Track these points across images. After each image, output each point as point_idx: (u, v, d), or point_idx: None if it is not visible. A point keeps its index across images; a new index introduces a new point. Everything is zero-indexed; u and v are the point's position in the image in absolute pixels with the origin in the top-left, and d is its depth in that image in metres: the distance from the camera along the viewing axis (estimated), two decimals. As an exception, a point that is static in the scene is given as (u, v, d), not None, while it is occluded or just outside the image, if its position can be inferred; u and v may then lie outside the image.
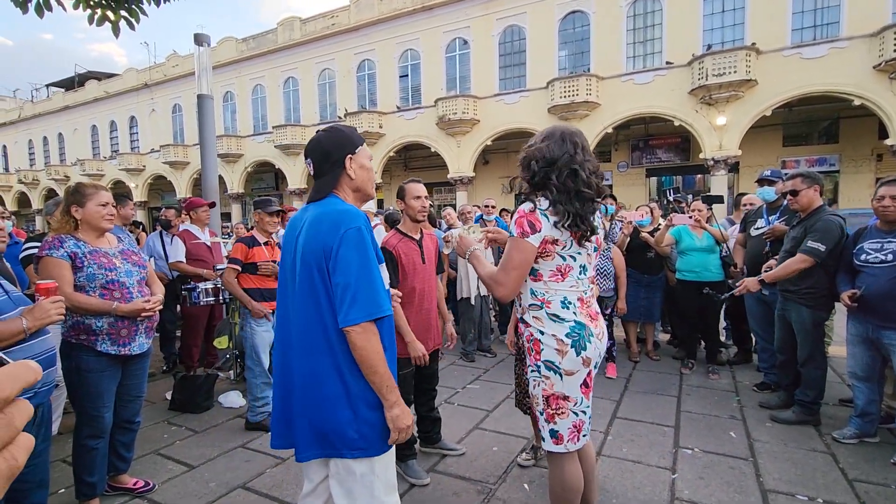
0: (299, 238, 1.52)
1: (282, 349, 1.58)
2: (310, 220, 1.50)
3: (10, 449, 0.28)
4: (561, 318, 1.76)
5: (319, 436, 1.47)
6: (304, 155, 1.60)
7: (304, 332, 1.48)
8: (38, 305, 1.75)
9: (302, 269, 1.48)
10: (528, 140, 1.99)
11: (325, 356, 1.45)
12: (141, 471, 2.86)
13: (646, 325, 5.18)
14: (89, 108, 28.97)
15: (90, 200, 2.30)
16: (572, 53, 16.24)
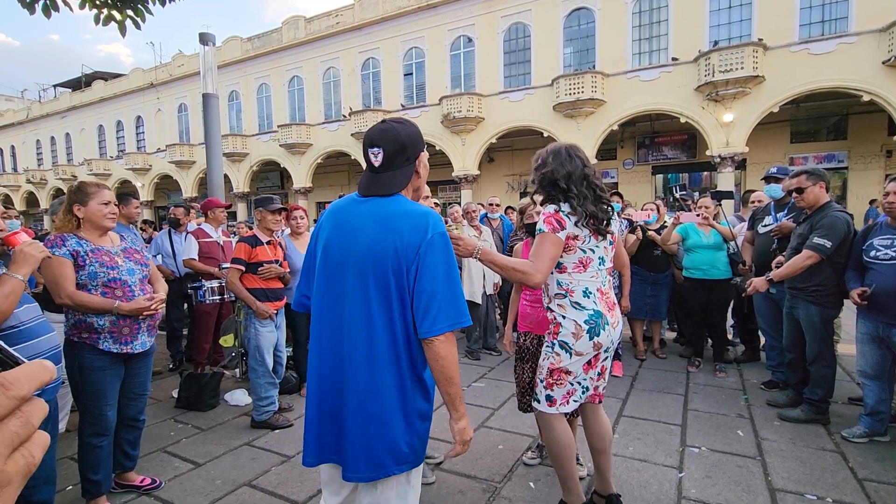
0: (361, 235, 1.38)
1: (326, 357, 1.43)
2: (380, 217, 1.38)
3: (28, 446, 0.29)
4: (582, 305, 2.03)
5: (372, 453, 1.37)
6: (371, 142, 1.42)
7: (368, 341, 1.36)
8: (17, 252, 1.77)
9: (369, 271, 1.36)
10: (531, 138, 2.12)
11: (389, 367, 1.36)
12: (147, 468, 2.88)
13: (652, 324, 5.15)
14: (96, 108, 29.15)
15: (92, 199, 2.30)
16: (577, 50, 16.14)
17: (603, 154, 16.41)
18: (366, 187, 1.45)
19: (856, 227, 3.30)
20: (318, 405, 1.44)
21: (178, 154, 24.40)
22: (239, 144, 22.83)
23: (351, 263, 1.39)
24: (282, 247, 3.78)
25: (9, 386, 0.28)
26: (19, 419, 0.29)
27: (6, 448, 0.28)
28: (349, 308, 1.38)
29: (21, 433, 0.29)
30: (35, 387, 0.30)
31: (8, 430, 0.28)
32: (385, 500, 1.42)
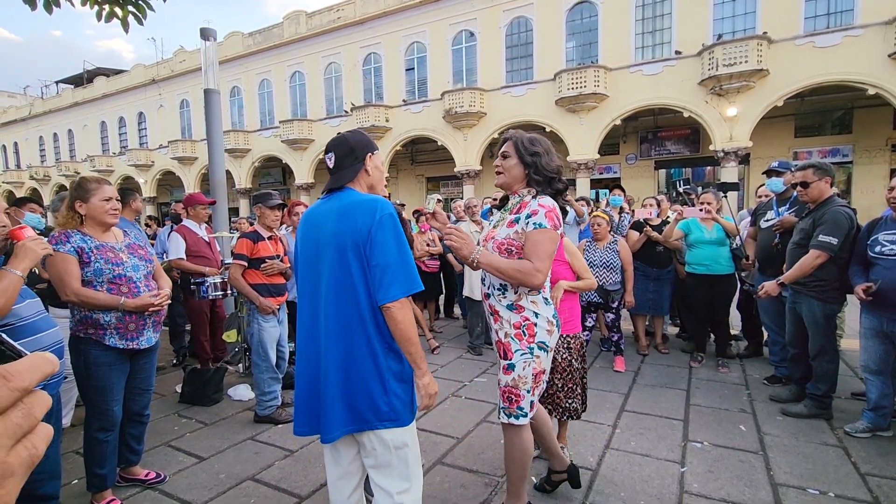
0: (326, 226, 1.61)
1: (308, 336, 1.65)
2: (339, 209, 1.60)
3: (31, 438, 0.29)
4: (548, 300, 2.02)
5: (352, 412, 1.56)
6: (326, 149, 1.70)
7: (338, 315, 1.57)
8: (19, 246, 1.77)
9: (334, 255, 1.57)
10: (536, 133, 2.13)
11: (358, 335, 1.56)
12: (152, 462, 2.90)
13: (654, 319, 5.14)
14: (98, 104, 29.19)
15: (93, 195, 2.30)
16: (580, 45, 16.06)
17: (606, 149, 16.35)
18: (326, 187, 1.71)
19: (859, 222, 3.29)
20: (302, 379, 1.65)
21: (181, 150, 24.45)
22: (241, 140, 22.84)
23: (321, 252, 1.62)
24: (283, 242, 3.78)
25: (10, 378, 0.28)
26: (21, 411, 0.29)
27: (9, 440, 0.28)
28: (323, 290, 1.60)
29: (23, 425, 0.29)
30: (37, 379, 0.30)
31: (10, 421, 0.28)
32: (386, 462, 1.60)
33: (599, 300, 4.49)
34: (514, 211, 2.02)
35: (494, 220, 2.15)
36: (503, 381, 2.03)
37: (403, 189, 21.41)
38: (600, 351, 5.03)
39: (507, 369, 2.01)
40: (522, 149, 2.02)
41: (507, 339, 1.99)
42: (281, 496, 2.57)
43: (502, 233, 2.00)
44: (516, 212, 2.00)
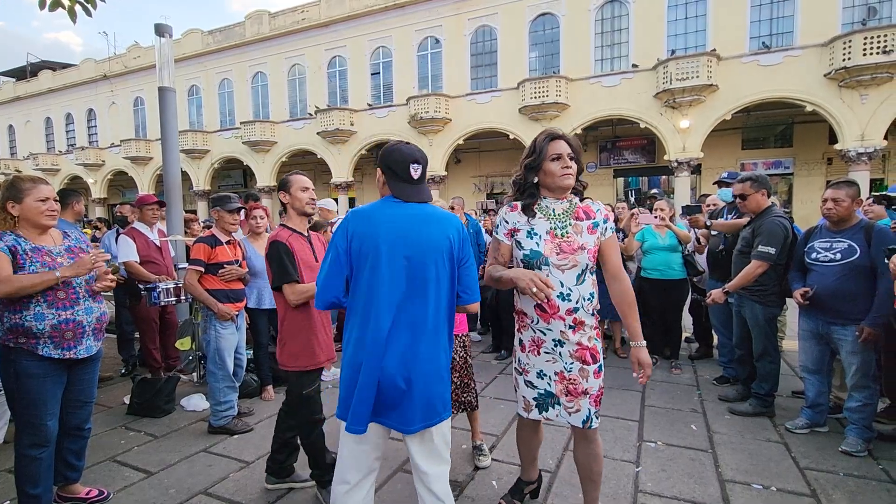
0: (414, 232, 1.70)
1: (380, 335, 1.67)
2: (426, 218, 1.74)
3: None
4: None
5: (430, 406, 1.70)
6: (415, 160, 1.76)
7: (431, 316, 1.71)
8: None
9: (431, 260, 1.70)
10: (498, 140, 2.19)
11: (442, 333, 1.75)
12: (95, 479, 2.73)
13: (613, 324, 5.29)
14: (43, 99, 27.59)
15: (28, 195, 2.16)
16: (543, 55, 16.46)
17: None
18: (408, 195, 1.76)
19: (799, 229, 3.50)
20: (379, 375, 1.66)
21: (134, 150, 23.42)
22: (199, 141, 22.10)
23: (413, 255, 1.69)
24: (241, 247, 3.67)
25: None
26: None
27: None
28: (412, 291, 1.69)
29: None
30: None
31: None
32: (441, 447, 1.77)
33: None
34: (579, 216, 1.98)
35: (547, 227, 1.94)
36: (596, 386, 2.00)
37: (369, 193, 21.24)
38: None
39: (599, 371, 2.01)
40: (580, 151, 2.02)
41: (592, 343, 2.00)
42: (238, 509, 2.48)
43: (589, 241, 1.95)
44: (584, 217, 1.98)
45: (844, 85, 12.67)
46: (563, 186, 1.95)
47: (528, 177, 2.01)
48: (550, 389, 2.03)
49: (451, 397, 2.29)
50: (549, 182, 1.96)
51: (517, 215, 2.02)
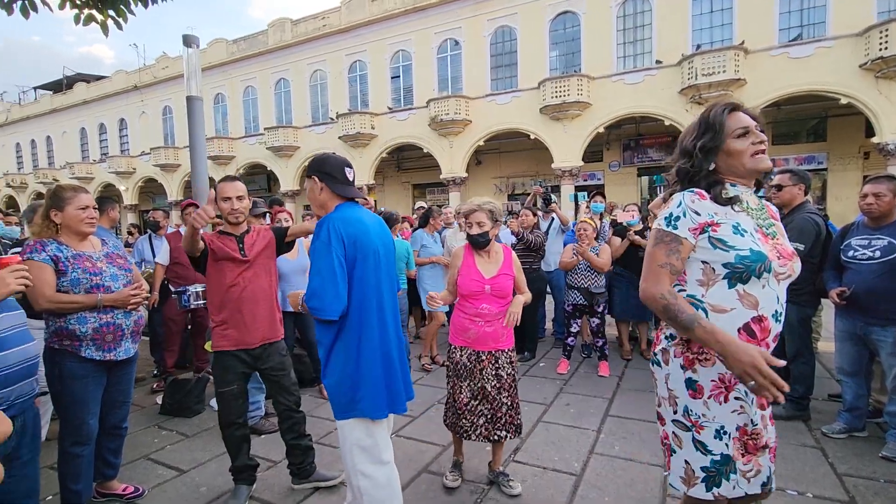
0: (375, 234, 1.97)
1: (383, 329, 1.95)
2: (377, 221, 2.05)
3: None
4: None
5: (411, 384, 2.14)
6: (348, 164, 2.01)
7: (396, 305, 2.08)
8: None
9: (391, 259, 2.06)
10: (518, 141, 2.14)
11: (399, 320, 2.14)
12: (130, 476, 2.83)
13: (638, 325, 5.20)
14: (78, 110, 28.67)
15: (69, 204, 2.25)
16: (563, 54, 16.31)
17: (589, 156, 16.57)
18: (353, 194, 1.99)
19: (834, 226, 3.38)
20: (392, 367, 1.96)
21: (163, 157, 24.10)
22: (225, 147, 22.61)
23: (380, 256, 1.97)
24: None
25: None
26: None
27: None
28: (387, 289, 2.00)
29: None
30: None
31: None
32: None
33: (585, 303, 4.54)
34: (772, 214, 1.56)
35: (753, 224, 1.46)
36: (773, 433, 1.54)
37: (390, 196, 21.39)
38: (583, 357, 5.07)
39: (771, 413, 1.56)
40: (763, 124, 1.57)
41: None
42: (263, 508, 2.54)
43: (789, 244, 1.53)
44: (775, 216, 1.57)
45: (882, 76, 12.16)
46: (758, 169, 1.48)
47: (704, 163, 1.48)
48: (728, 452, 1.43)
49: (506, 419, 2.50)
50: (734, 166, 1.47)
51: (711, 205, 1.44)
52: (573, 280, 4.65)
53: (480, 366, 2.56)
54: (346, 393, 1.90)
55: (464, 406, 2.58)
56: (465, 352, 2.59)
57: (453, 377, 2.64)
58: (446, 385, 2.71)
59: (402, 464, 2.92)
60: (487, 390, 2.54)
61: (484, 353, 2.56)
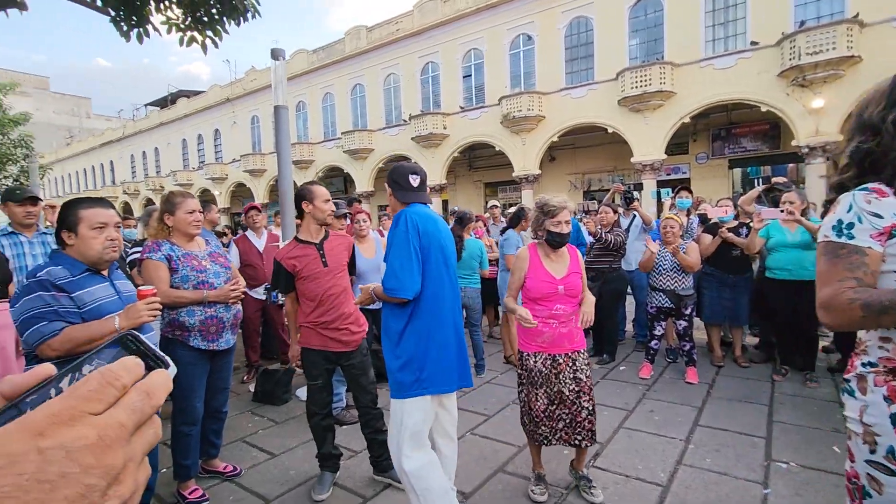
0: (443, 231, 2.21)
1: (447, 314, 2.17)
2: (440, 219, 2.26)
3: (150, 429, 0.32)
4: None
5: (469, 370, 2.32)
6: (413, 171, 2.24)
7: (458, 296, 2.28)
8: (132, 307, 1.91)
9: (453, 249, 2.27)
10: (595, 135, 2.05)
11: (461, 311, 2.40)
12: (229, 456, 3.08)
13: (732, 329, 4.80)
14: (180, 123, 31.76)
15: (179, 209, 2.50)
16: (644, 41, 15.44)
17: (673, 148, 15.57)
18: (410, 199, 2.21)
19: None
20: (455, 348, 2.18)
21: (251, 163, 26.00)
22: (305, 152, 23.94)
23: (440, 247, 2.18)
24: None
25: (152, 395, 0.31)
26: (153, 427, 0.32)
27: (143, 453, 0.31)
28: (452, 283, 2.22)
29: (153, 441, 0.32)
30: (165, 397, 0.33)
31: (147, 436, 0.31)
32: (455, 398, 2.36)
33: (671, 305, 4.27)
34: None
35: None
36: None
37: (462, 195, 21.53)
38: (668, 362, 4.78)
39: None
40: None
41: None
42: (347, 495, 2.65)
43: None
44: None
45: None
46: None
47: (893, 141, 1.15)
48: None
49: (585, 425, 2.47)
50: None
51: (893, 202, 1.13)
52: (658, 281, 4.36)
53: (557, 370, 2.48)
54: (414, 372, 2.10)
55: (541, 413, 2.50)
56: (539, 357, 2.50)
57: (527, 385, 2.54)
58: (518, 394, 2.64)
59: (477, 463, 2.93)
60: (565, 394, 2.46)
61: (561, 356, 2.48)
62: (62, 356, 1.78)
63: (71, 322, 1.81)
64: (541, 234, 2.54)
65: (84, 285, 1.88)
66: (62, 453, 0.26)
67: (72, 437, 0.27)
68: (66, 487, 0.26)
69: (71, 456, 0.26)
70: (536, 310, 2.48)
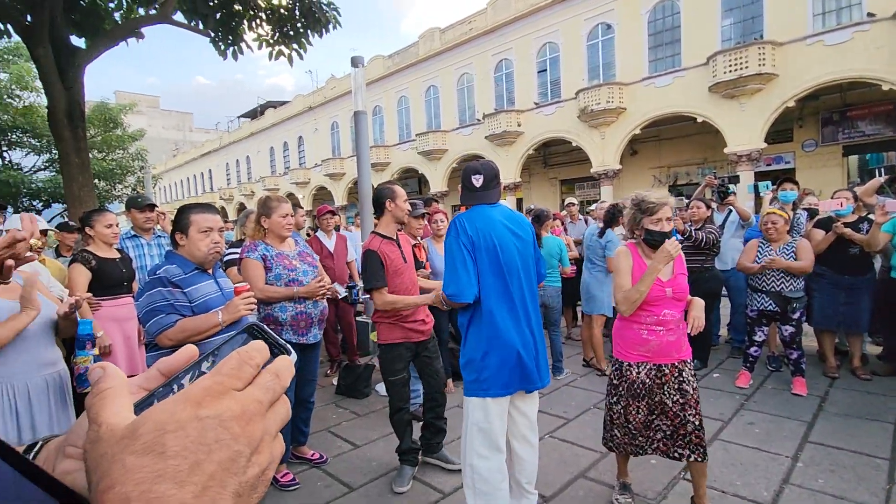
0: (511, 228, 2.18)
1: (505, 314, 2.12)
2: (509, 218, 2.22)
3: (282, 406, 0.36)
4: None
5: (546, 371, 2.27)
6: (475, 171, 2.22)
7: (532, 296, 2.22)
8: (231, 303, 2.09)
9: (528, 253, 2.21)
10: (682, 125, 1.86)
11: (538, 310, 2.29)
12: (316, 445, 3.26)
13: (850, 337, 4.26)
14: (268, 132, 34.20)
15: (275, 212, 2.72)
16: (739, 21, 14.15)
17: (774, 136, 14.14)
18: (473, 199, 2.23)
19: None
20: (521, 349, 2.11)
21: (331, 167, 27.37)
22: (381, 155, 24.75)
23: (513, 247, 2.15)
24: (425, 250, 3.99)
25: (281, 377, 0.35)
26: (284, 406, 0.36)
27: (277, 428, 0.35)
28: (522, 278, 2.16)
29: (285, 418, 0.36)
30: (290, 378, 0.37)
31: (279, 412, 0.35)
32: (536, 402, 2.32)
33: (775, 309, 3.85)
34: None
35: None
36: None
37: (536, 193, 21.13)
38: (770, 370, 4.35)
39: None
40: None
41: None
42: (425, 489, 2.70)
43: None
44: None
45: None
46: None
47: None
48: None
49: (692, 439, 2.25)
50: None
51: None
52: (759, 282, 3.95)
53: (662, 381, 2.29)
54: (472, 373, 2.15)
55: (640, 425, 2.32)
56: (642, 368, 2.31)
57: (626, 397, 2.34)
58: (610, 405, 2.42)
59: (557, 466, 2.86)
60: (668, 405, 2.27)
61: (667, 367, 2.29)
62: (175, 346, 1.98)
63: (184, 315, 2.02)
64: (638, 233, 2.37)
65: (194, 282, 2.08)
66: (216, 422, 0.30)
67: (222, 408, 0.31)
68: (219, 451, 0.30)
69: (223, 424, 0.31)
70: (641, 316, 2.30)
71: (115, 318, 3.01)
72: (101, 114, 16.24)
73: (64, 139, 5.71)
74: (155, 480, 0.28)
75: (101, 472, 0.29)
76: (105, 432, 0.31)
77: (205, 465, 0.29)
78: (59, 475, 0.36)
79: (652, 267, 2.21)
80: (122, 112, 17.21)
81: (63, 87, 5.64)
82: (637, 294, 2.24)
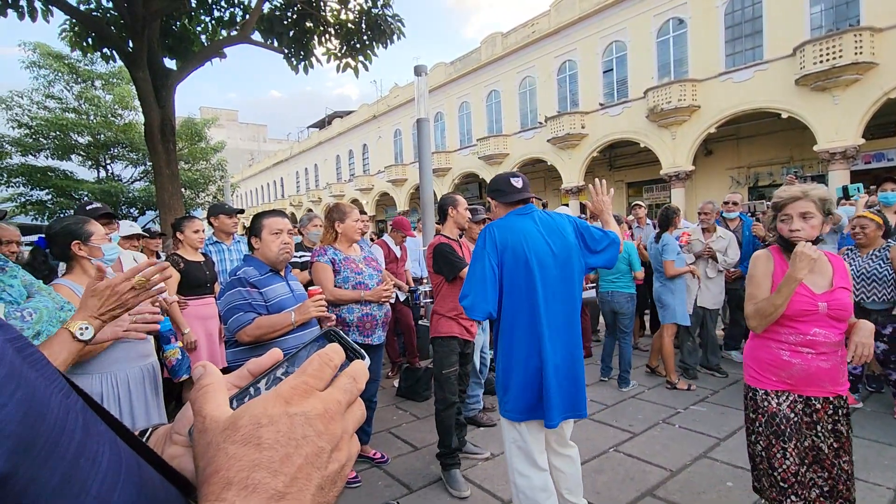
0: (549, 241, 2.02)
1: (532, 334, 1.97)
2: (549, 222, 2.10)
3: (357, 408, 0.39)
4: None
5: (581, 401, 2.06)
6: (514, 175, 2.17)
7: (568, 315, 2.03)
8: (303, 304, 2.21)
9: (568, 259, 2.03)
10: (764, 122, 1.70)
11: (577, 330, 2.07)
12: (377, 444, 3.34)
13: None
14: (334, 141, 35.71)
15: (348, 217, 2.87)
16: (831, 7, 12.91)
17: (874, 131, 12.76)
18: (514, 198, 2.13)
19: None
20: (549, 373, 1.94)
21: (394, 174, 28.05)
22: (443, 161, 25.01)
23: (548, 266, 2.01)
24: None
25: (357, 379, 0.38)
26: (360, 408, 0.39)
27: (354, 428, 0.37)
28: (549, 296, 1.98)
29: (361, 419, 0.39)
30: (365, 381, 0.39)
31: (355, 413, 0.38)
32: None
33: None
34: None
35: None
36: None
37: (600, 196, 20.42)
38: (869, 391, 3.92)
39: None
40: None
41: None
42: (486, 496, 2.68)
43: None
44: None
45: None
46: None
47: None
48: None
49: (843, 493, 1.82)
50: None
51: None
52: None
53: (813, 418, 1.85)
54: (499, 391, 2.11)
55: (792, 476, 1.82)
56: (785, 398, 1.87)
57: (769, 436, 1.88)
58: (751, 444, 1.99)
59: (622, 483, 2.74)
60: (824, 452, 1.83)
61: (818, 401, 1.84)
62: (252, 343, 2.12)
63: (260, 314, 2.16)
64: (772, 235, 2.02)
65: (269, 283, 2.23)
66: (303, 419, 0.34)
67: (308, 406, 0.34)
68: (305, 446, 0.33)
69: (309, 421, 0.34)
70: (781, 333, 1.87)
71: (200, 316, 3.28)
72: (188, 128, 17.82)
73: (157, 153, 6.31)
74: (253, 469, 0.31)
75: (208, 458, 0.33)
76: (210, 423, 0.35)
77: (294, 458, 0.32)
78: (168, 459, 0.41)
79: (789, 276, 1.77)
80: (205, 126, 18.77)
81: (157, 106, 6.24)
82: (771, 307, 1.82)
